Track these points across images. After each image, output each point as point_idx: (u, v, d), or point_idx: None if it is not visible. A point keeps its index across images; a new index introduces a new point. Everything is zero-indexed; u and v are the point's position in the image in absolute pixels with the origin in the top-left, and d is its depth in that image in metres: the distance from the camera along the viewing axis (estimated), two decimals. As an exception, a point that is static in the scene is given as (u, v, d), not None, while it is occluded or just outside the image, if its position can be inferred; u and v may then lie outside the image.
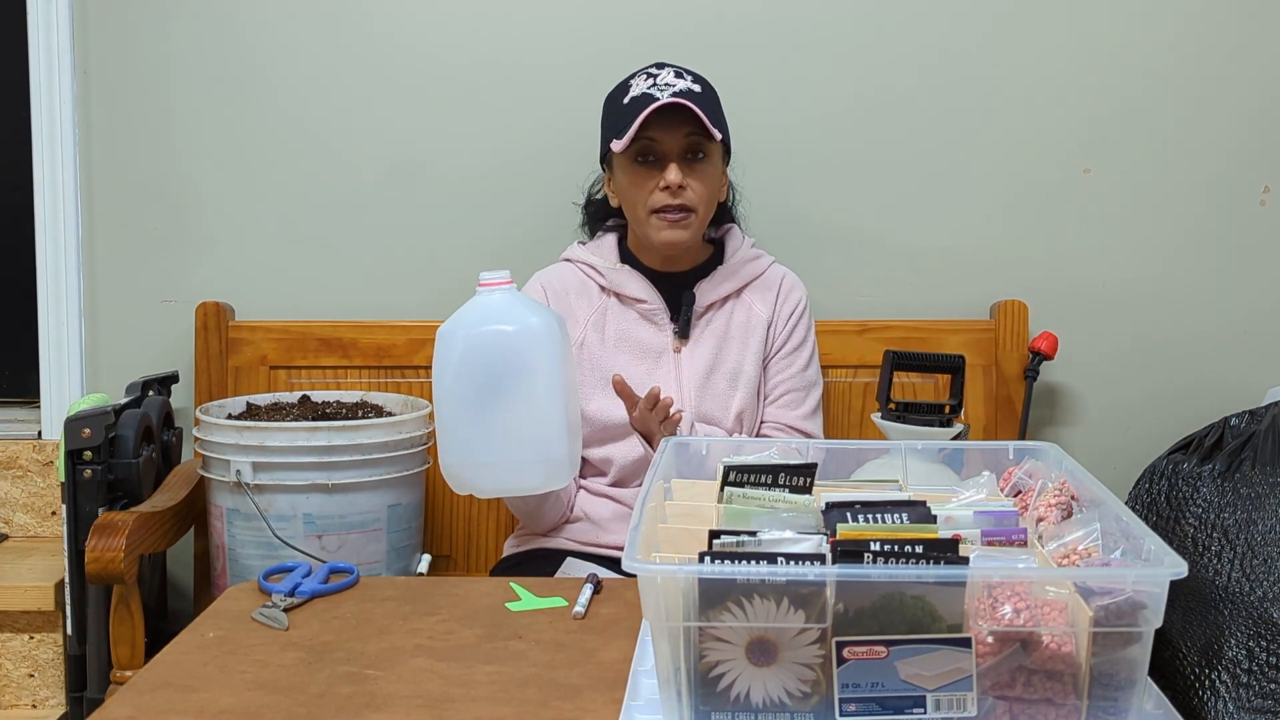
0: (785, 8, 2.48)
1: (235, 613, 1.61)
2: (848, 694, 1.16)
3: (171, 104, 2.52)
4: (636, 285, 2.15)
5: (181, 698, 1.36)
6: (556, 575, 1.96)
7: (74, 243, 2.54)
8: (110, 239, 2.55)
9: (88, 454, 2.15)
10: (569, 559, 2.04)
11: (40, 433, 2.61)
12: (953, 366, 1.99)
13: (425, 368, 2.41)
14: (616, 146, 2.06)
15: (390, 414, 2.28)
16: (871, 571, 1.15)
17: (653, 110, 2.01)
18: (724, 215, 2.26)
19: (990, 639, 1.16)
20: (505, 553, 2.21)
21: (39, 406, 2.60)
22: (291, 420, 2.20)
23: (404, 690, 1.37)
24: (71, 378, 2.56)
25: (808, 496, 1.44)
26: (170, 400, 2.44)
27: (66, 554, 2.19)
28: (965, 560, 1.17)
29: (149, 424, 2.27)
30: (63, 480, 2.16)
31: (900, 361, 1.99)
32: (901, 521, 1.29)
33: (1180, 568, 1.14)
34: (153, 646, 1.94)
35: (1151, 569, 1.17)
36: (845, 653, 1.16)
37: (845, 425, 2.44)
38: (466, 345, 1.77)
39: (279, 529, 2.08)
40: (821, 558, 1.18)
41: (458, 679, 1.40)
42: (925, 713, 1.16)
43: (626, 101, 2.07)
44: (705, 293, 2.15)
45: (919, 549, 1.16)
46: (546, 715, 1.31)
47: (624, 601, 1.63)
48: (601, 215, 2.27)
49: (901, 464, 1.60)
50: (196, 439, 2.20)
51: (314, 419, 2.20)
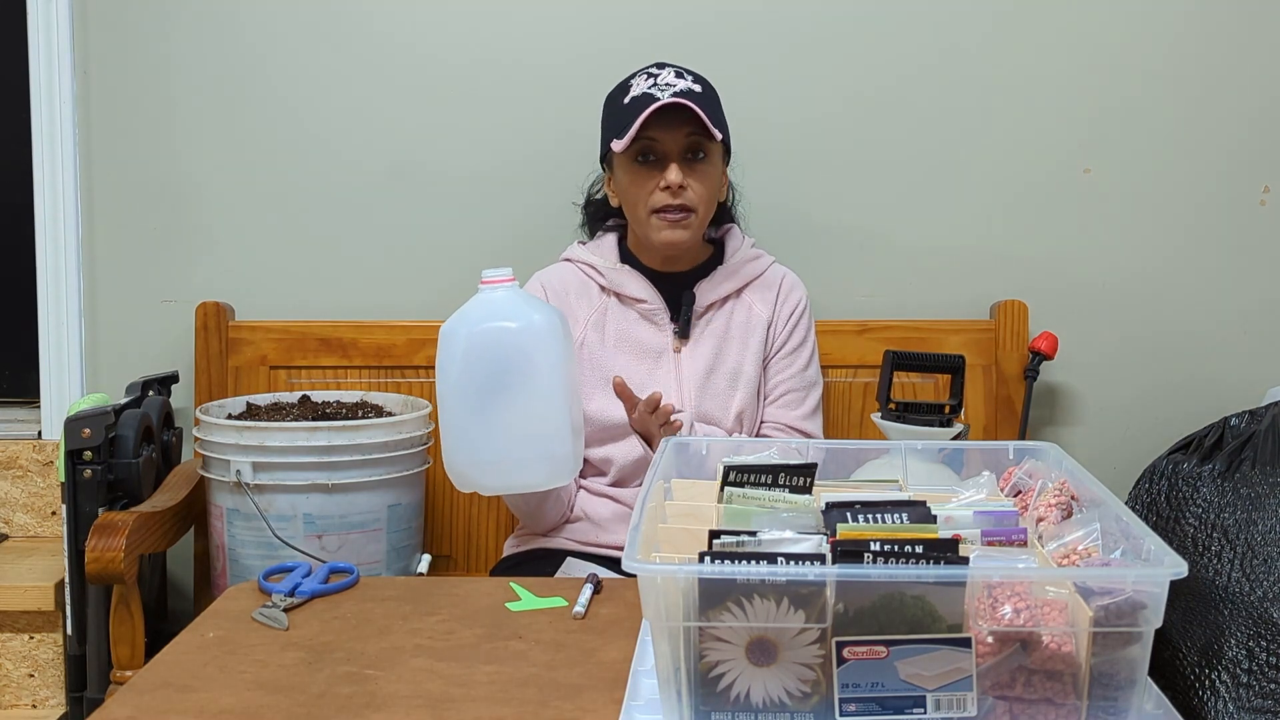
0: (785, 8, 2.48)
1: (235, 613, 1.61)
2: (848, 694, 1.16)
3: (171, 104, 2.52)
4: (636, 285, 2.15)
5: (181, 698, 1.36)
6: (556, 575, 1.96)
7: (74, 243, 2.54)
8: (110, 239, 2.55)
9: (88, 454, 2.15)
10: (569, 559, 2.04)
11: (40, 433, 2.61)
12: (953, 366, 1.99)
13: (425, 368, 2.41)
14: (617, 146, 2.06)
15: (390, 414, 2.28)
16: (871, 571, 1.15)
17: (653, 110, 2.01)
18: (724, 215, 2.26)
19: (990, 639, 1.16)
20: (505, 553, 2.21)
21: (39, 406, 2.60)
22: (291, 420, 2.20)
23: (404, 690, 1.37)
24: (71, 378, 2.56)
25: (808, 496, 1.44)
26: (170, 400, 2.44)
27: (66, 554, 2.19)
28: (965, 560, 1.17)
29: (149, 424, 2.27)
30: (63, 480, 2.16)
31: (900, 361, 1.98)
32: (901, 521, 1.29)
33: (1180, 568, 1.14)
34: (153, 646, 1.94)
35: (1151, 569, 1.17)
36: (845, 653, 1.16)
37: (845, 425, 2.44)
38: (469, 342, 1.77)
39: (279, 529, 2.08)
40: (821, 558, 1.18)
41: (458, 679, 1.40)
42: (925, 713, 1.16)
43: (627, 101, 2.06)
44: (705, 293, 2.15)
45: (919, 549, 1.16)
46: (546, 715, 1.31)
47: (624, 601, 1.63)
48: (601, 215, 2.27)
49: (901, 464, 1.60)
50: (196, 439, 2.20)
51: (314, 419, 2.20)
